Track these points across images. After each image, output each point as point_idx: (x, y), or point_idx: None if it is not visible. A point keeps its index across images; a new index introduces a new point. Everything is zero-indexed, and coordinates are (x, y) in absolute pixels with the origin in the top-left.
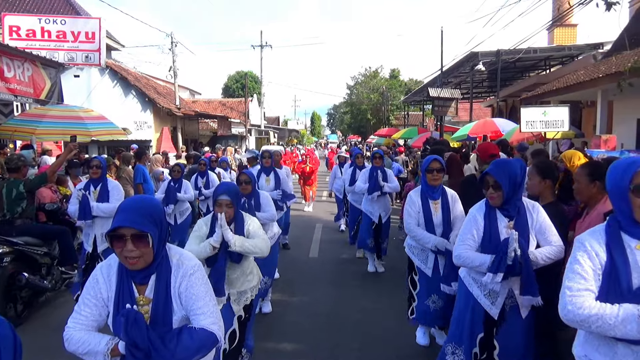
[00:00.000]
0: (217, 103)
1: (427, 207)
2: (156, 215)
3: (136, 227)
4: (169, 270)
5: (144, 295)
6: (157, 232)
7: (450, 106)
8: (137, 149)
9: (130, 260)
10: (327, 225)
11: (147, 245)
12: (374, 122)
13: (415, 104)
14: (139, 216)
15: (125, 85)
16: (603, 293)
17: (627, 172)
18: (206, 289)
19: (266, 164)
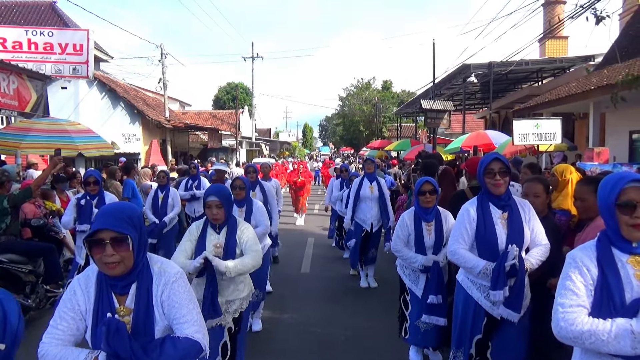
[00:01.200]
0: (207, 115)
1: (420, 229)
2: (135, 219)
3: (115, 229)
4: (150, 279)
5: (124, 305)
6: (136, 236)
7: (443, 118)
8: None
9: (110, 265)
10: (319, 240)
11: (127, 249)
12: (367, 133)
13: (408, 116)
14: (117, 220)
15: (113, 97)
16: (596, 308)
17: (615, 189)
18: (189, 297)
19: (251, 179)
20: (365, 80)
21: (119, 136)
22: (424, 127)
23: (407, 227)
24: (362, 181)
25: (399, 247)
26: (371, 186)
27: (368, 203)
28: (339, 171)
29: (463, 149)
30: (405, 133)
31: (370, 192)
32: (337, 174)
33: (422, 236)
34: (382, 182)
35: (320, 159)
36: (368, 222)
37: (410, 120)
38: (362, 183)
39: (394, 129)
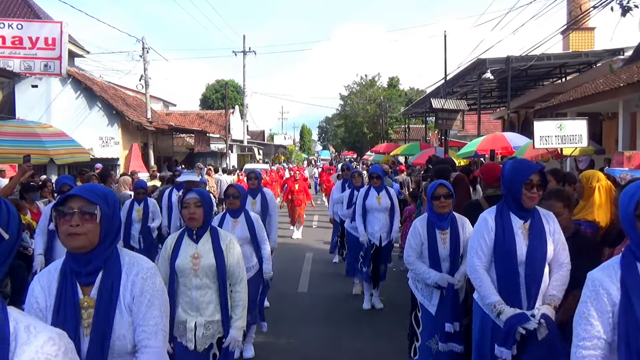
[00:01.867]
0: (194, 116)
1: (434, 238)
2: (110, 198)
3: (85, 196)
4: (118, 268)
5: (88, 296)
6: (106, 210)
7: (456, 119)
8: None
9: (73, 235)
10: (319, 255)
11: (94, 221)
12: (371, 136)
13: (417, 117)
14: (90, 191)
15: (89, 96)
16: (622, 332)
17: (633, 198)
18: (161, 301)
19: (252, 185)
20: (370, 77)
21: (95, 140)
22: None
23: (419, 236)
24: (369, 191)
25: (411, 259)
26: (379, 196)
27: (376, 214)
28: (342, 175)
29: (478, 153)
30: (414, 135)
31: (377, 203)
32: (341, 177)
33: (436, 246)
34: (391, 191)
35: (320, 164)
36: (376, 235)
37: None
38: (369, 193)
39: (401, 130)
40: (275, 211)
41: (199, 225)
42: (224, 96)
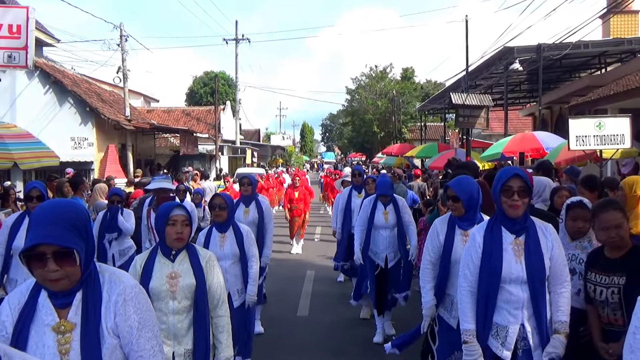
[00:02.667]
0: (179, 113)
1: (451, 240)
2: (80, 224)
3: (59, 243)
4: (98, 287)
5: (65, 319)
6: (83, 245)
7: (479, 116)
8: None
9: (53, 281)
10: (322, 273)
11: (74, 264)
12: (382, 135)
13: (435, 113)
14: (60, 229)
15: (60, 91)
16: None
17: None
18: (152, 321)
19: (245, 192)
20: (380, 69)
21: (66, 141)
22: (454, 128)
23: (437, 238)
24: (376, 203)
25: (424, 271)
26: (385, 211)
27: (381, 232)
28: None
29: (505, 155)
30: (431, 135)
31: (384, 220)
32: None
33: (450, 249)
34: (400, 204)
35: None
36: (381, 255)
37: (438, 119)
38: (377, 206)
39: (416, 129)
40: (270, 222)
41: (181, 247)
42: (213, 90)
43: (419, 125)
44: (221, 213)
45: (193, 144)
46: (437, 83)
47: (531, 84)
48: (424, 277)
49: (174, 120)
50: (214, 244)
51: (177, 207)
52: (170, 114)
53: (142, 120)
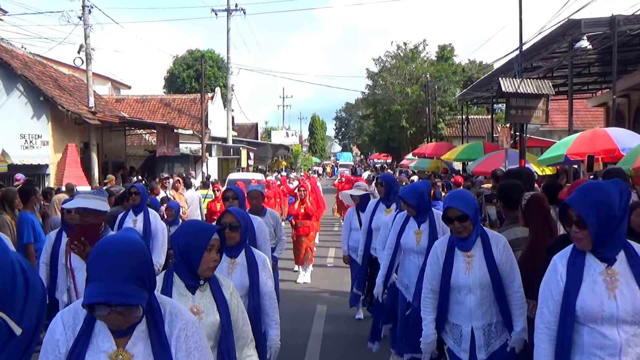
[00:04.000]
0: (156, 102)
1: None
2: (146, 272)
3: (125, 302)
4: (160, 321)
5: (123, 349)
6: (147, 295)
7: (537, 107)
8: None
9: (116, 325)
10: (335, 310)
11: (137, 313)
12: (413, 131)
13: (480, 104)
14: (123, 282)
15: (7, 75)
16: None
17: None
18: (208, 355)
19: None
20: (411, 46)
21: (14, 138)
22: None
23: (437, 260)
24: (407, 222)
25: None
26: (418, 230)
27: (411, 258)
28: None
29: (570, 158)
30: (476, 131)
31: (416, 242)
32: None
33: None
34: (437, 223)
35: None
36: (411, 288)
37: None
38: (407, 224)
39: (456, 123)
40: (267, 247)
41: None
42: (199, 74)
43: (460, 119)
44: (233, 235)
45: (173, 143)
46: (482, 65)
47: (603, 66)
48: (424, 308)
49: (150, 113)
50: (220, 271)
51: (213, 228)
52: (145, 104)
53: (110, 113)
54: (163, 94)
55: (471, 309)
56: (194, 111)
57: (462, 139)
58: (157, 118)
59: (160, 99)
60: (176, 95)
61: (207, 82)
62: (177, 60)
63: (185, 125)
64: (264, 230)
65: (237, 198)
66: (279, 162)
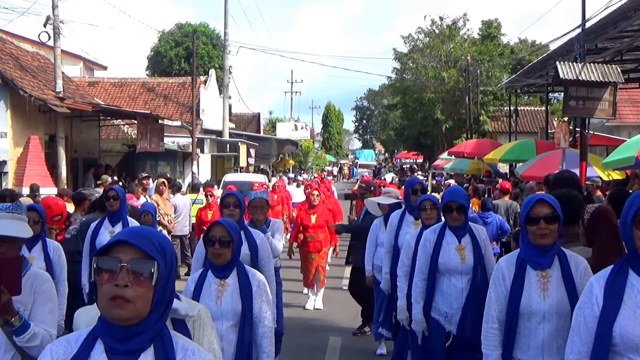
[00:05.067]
0: (137, 87)
1: (520, 282)
2: (168, 252)
3: (140, 246)
4: (172, 350)
5: None
6: (164, 269)
7: (602, 98)
8: None
9: (118, 301)
10: (352, 342)
11: (148, 284)
12: (450, 125)
13: (532, 93)
14: (145, 239)
15: None
16: None
17: None
18: None
19: (232, 218)
20: (448, 22)
21: None
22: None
23: (503, 282)
24: (444, 238)
25: (486, 331)
26: (460, 245)
27: (456, 281)
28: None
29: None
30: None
31: (460, 259)
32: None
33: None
34: (482, 237)
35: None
36: (454, 317)
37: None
38: (444, 238)
39: (502, 116)
40: (270, 266)
41: None
42: (189, 53)
43: (507, 111)
44: (223, 251)
45: (158, 136)
46: (535, 45)
47: None
48: (487, 342)
49: (130, 99)
50: (207, 294)
51: None
52: (124, 88)
53: (82, 99)
54: (146, 77)
55: (544, 341)
56: (183, 98)
57: (509, 135)
58: (139, 106)
59: (142, 83)
60: (162, 79)
61: (199, 62)
62: (163, 36)
63: (172, 115)
64: (267, 248)
65: (239, 207)
66: (285, 161)
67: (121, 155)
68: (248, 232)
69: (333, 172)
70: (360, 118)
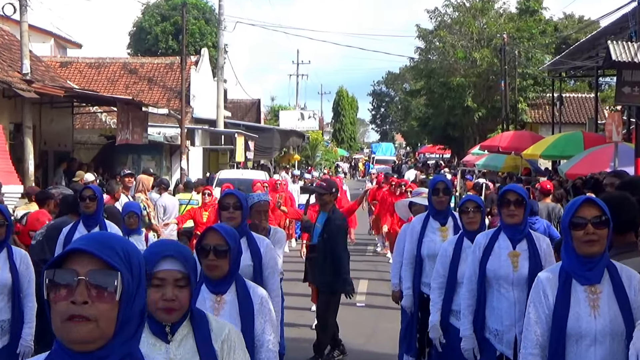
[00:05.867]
0: (117, 68)
1: (566, 297)
2: (135, 261)
3: (100, 254)
4: None
5: None
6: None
7: None
8: None
9: (76, 319)
10: None
11: (111, 299)
12: (482, 115)
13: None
14: (106, 247)
15: None
16: None
17: None
18: None
19: (231, 222)
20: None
21: None
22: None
23: (545, 300)
24: (495, 242)
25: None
26: (514, 252)
27: (507, 293)
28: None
29: None
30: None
31: (512, 268)
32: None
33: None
34: (543, 244)
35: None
36: (505, 335)
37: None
38: (497, 242)
39: (544, 104)
40: (274, 276)
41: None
42: (178, 29)
43: (550, 98)
44: (219, 263)
45: (141, 126)
46: (583, 22)
47: None
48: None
49: (109, 82)
50: None
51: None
52: (101, 70)
53: (52, 83)
54: (127, 57)
55: None
56: (171, 81)
57: (552, 126)
58: (119, 90)
59: (122, 64)
60: (146, 59)
61: (190, 40)
62: (147, 10)
63: (157, 102)
64: (273, 256)
65: (240, 208)
66: (289, 156)
67: (98, 148)
68: (251, 239)
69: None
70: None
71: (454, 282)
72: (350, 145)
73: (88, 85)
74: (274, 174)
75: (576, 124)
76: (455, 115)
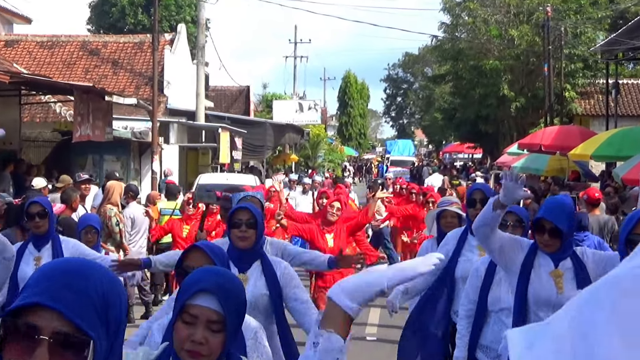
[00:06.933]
0: (74, 48)
1: None
2: (112, 307)
3: (72, 317)
4: None
5: None
6: (104, 344)
7: None
8: None
9: None
10: None
11: None
12: (520, 105)
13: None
14: (81, 299)
15: None
16: None
17: None
18: None
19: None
20: None
21: None
22: None
23: None
24: (536, 254)
25: None
26: (556, 271)
27: (544, 317)
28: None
29: None
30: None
31: (556, 290)
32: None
33: None
34: (589, 264)
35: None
36: None
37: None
38: (535, 259)
39: (597, 93)
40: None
41: None
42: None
43: (603, 86)
44: None
45: (103, 119)
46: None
47: None
48: None
49: (65, 65)
50: None
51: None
52: (55, 50)
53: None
54: (87, 35)
55: None
56: (140, 65)
57: (606, 120)
58: (77, 75)
59: (81, 43)
60: (109, 37)
61: (163, 14)
62: None
63: (124, 89)
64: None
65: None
66: (285, 156)
67: (51, 146)
68: (266, 263)
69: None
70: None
71: (483, 309)
72: (360, 143)
73: (39, 69)
74: (266, 178)
75: (635, 116)
76: (488, 107)
